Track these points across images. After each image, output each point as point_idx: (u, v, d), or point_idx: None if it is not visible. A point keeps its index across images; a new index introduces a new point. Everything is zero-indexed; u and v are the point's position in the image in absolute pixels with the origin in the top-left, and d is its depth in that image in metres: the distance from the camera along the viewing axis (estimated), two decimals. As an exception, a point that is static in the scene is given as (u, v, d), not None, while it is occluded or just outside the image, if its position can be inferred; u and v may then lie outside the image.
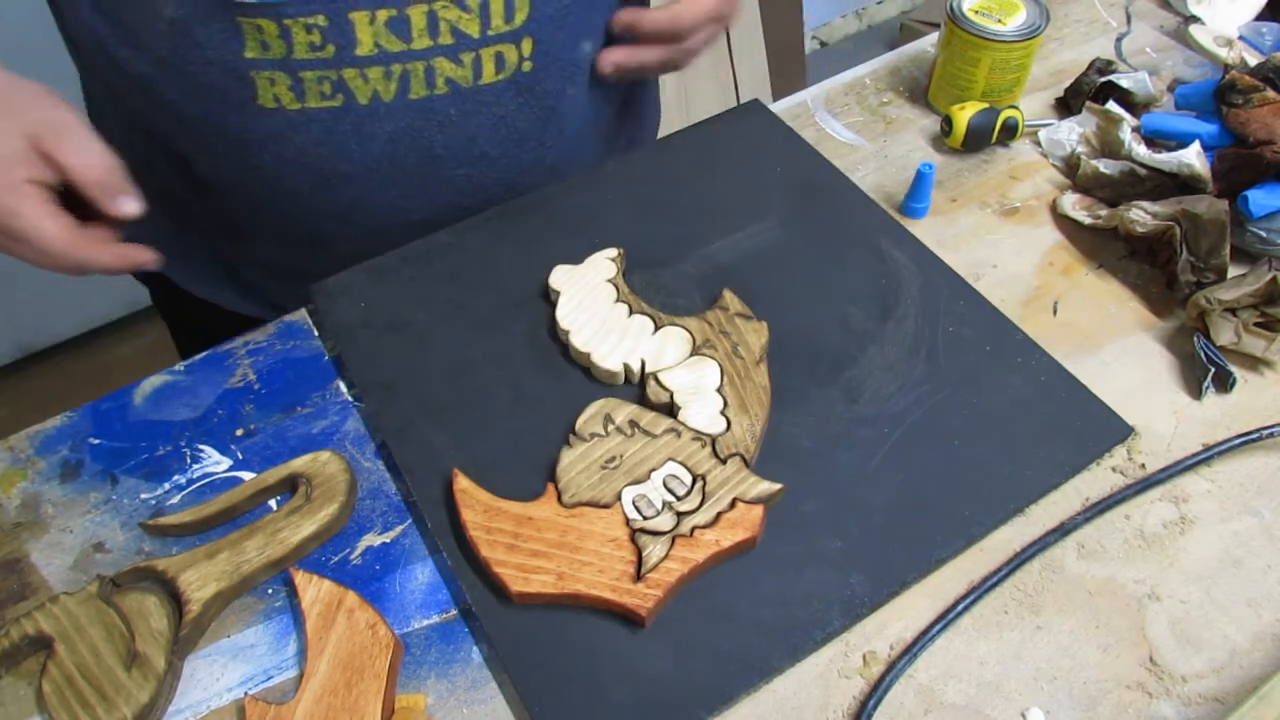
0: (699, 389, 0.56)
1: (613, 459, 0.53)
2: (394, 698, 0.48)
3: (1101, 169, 0.69)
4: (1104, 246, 0.68)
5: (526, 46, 0.59)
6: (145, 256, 0.56)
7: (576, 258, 0.64)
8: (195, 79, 0.56)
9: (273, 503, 0.55)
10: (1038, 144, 0.76)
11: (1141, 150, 0.68)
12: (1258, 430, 0.56)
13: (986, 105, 0.73)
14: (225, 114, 0.57)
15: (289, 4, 0.52)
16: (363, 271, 0.65)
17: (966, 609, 0.50)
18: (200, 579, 0.50)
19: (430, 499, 0.54)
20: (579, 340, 0.59)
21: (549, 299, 0.62)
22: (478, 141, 0.62)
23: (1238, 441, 0.56)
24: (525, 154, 0.66)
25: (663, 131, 0.75)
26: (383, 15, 0.54)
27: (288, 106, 0.57)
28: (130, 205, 0.54)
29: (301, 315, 0.65)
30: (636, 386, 0.58)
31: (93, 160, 0.52)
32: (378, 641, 0.48)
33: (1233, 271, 0.63)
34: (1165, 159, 0.66)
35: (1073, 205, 0.70)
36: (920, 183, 0.69)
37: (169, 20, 0.53)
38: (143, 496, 0.56)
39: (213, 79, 0.55)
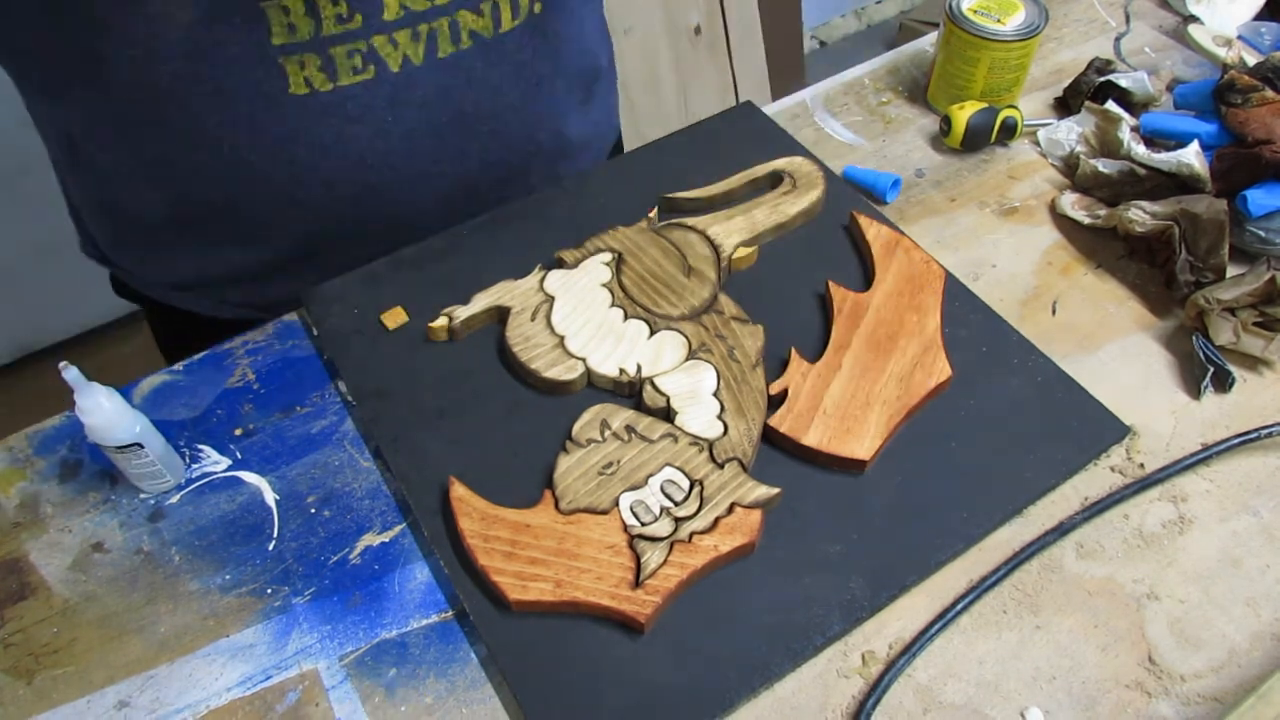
0: (695, 393, 0.56)
1: (610, 465, 0.53)
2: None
3: (1100, 169, 0.69)
4: (1103, 246, 0.68)
5: None
6: None
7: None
8: (218, 83, 0.54)
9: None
10: (1037, 144, 0.76)
11: (1140, 150, 0.67)
12: (1256, 430, 0.56)
13: (985, 105, 0.73)
14: (255, 112, 0.56)
15: None
16: (356, 278, 0.64)
17: (965, 608, 0.50)
18: (725, 232, 0.65)
19: (427, 507, 0.53)
20: (575, 345, 0.59)
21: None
22: (502, 91, 0.63)
23: (1236, 441, 0.56)
24: (540, 101, 0.66)
25: (661, 132, 0.76)
26: None
27: (320, 89, 0.56)
28: None
29: (301, 315, 0.65)
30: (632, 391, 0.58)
31: None
32: (931, 271, 0.62)
33: (1231, 271, 0.63)
34: (1164, 159, 0.66)
35: (1071, 205, 0.70)
36: (892, 189, 0.72)
37: (186, 25, 0.51)
38: (141, 496, 0.56)
39: (238, 78, 0.54)
